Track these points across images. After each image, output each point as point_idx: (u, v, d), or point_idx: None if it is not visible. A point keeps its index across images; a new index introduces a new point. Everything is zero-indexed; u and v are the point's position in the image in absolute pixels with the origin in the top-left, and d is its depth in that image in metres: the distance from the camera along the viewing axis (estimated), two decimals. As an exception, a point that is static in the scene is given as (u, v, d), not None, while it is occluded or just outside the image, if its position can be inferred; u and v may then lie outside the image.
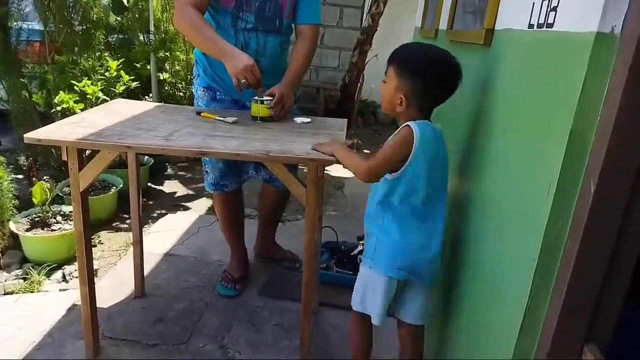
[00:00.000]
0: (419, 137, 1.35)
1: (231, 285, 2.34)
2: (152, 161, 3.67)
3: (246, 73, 1.79)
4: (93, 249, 2.25)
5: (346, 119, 2.09)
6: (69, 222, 2.58)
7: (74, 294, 2.21)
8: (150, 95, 4.05)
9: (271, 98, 1.88)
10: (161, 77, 4.17)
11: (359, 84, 6.20)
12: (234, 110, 2.05)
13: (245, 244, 2.52)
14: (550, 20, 1.03)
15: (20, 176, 3.12)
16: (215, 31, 1.90)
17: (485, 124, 1.49)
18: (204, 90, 2.14)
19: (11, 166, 2.78)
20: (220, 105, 2.12)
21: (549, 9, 1.05)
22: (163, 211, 3.28)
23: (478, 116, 1.58)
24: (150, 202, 3.40)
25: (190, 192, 3.70)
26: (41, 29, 3.08)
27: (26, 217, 2.59)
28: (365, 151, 5.63)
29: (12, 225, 2.47)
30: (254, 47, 2.00)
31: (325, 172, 1.62)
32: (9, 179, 2.50)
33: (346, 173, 4.46)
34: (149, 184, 3.68)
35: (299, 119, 1.96)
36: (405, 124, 1.40)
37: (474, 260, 1.46)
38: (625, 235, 0.85)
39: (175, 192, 3.68)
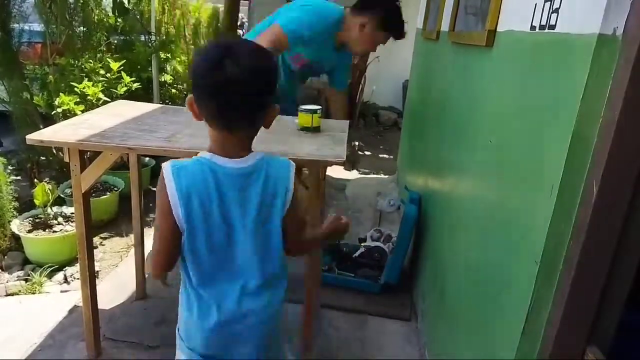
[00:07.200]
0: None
1: None
2: (154, 163, 3.67)
3: None
4: (94, 250, 2.26)
5: (348, 121, 2.10)
6: (71, 223, 2.58)
7: (75, 296, 2.21)
8: (152, 97, 4.06)
9: (320, 107, 1.88)
10: (162, 79, 4.18)
11: (360, 86, 6.20)
12: None
13: None
14: (552, 22, 1.04)
15: (22, 177, 3.12)
16: None
17: (488, 125, 1.49)
18: None
19: (13, 167, 2.78)
20: None
21: (550, 10, 1.05)
22: (164, 212, 3.28)
23: (480, 117, 1.58)
24: (152, 204, 3.40)
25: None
26: (42, 30, 3.09)
27: (28, 218, 2.59)
28: (367, 153, 5.56)
29: (14, 227, 2.47)
30: (286, 89, 2.49)
31: (327, 174, 1.61)
32: (9, 180, 2.51)
33: (347, 175, 4.46)
34: (150, 186, 3.68)
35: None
36: None
37: (476, 261, 1.46)
38: (627, 237, 0.85)
39: (176, 194, 3.68)
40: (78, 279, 2.17)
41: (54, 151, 3.02)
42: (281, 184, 1.03)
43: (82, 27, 3.30)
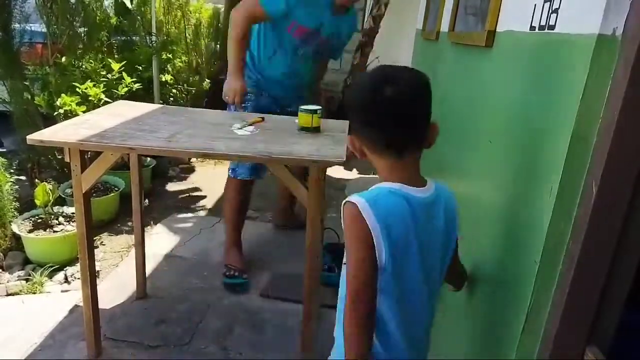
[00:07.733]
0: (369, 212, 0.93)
1: (239, 274, 2.43)
2: (155, 163, 3.68)
3: (231, 95, 2.24)
4: (95, 250, 2.26)
5: (348, 121, 2.10)
6: (71, 223, 2.59)
7: (75, 295, 2.22)
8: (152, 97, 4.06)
9: (320, 107, 1.90)
10: (163, 79, 4.18)
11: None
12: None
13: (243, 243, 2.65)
14: (551, 22, 1.04)
15: (23, 177, 3.12)
16: (244, 50, 2.30)
17: (487, 125, 1.49)
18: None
19: (13, 168, 2.78)
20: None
21: (550, 10, 1.05)
22: (165, 213, 3.28)
23: (480, 118, 1.58)
24: (152, 204, 3.41)
25: (192, 194, 3.70)
26: (43, 30, 3.09)
27: (28, 218, 2.59)
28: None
29: (15, 227, 2.47)
30: (300, 71, 2.47)
31: (327, 174, 1.62)
32: (11, 180, 2.51)
33: (347, 175, 4.46)
34: (151, 186, 3.69)
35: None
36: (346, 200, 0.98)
37: (476, 261, 1.46)
38: (627, 237, 0.85)
39: (177, 194, 3.69)
40: (78, 278, 2.17)
41: (55, 151, 3.02)
42: (453, 213, 1.05)
43: (83, 28, 3.30)
